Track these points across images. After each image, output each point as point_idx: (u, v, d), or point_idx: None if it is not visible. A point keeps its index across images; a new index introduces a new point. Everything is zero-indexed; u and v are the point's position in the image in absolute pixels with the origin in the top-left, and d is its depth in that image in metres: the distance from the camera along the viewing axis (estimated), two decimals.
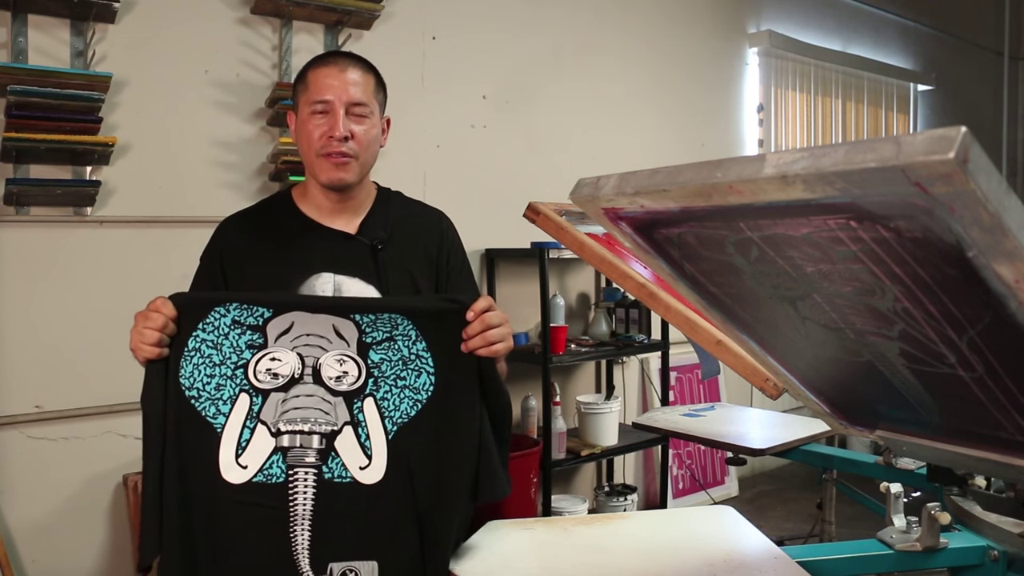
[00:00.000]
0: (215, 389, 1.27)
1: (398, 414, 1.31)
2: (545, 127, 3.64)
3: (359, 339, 1.31)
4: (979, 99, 6.68)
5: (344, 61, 1.47)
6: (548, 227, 1.89)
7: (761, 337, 1.02)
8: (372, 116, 1.47)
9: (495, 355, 1.33)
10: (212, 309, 1.29)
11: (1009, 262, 0.59)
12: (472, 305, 1.32)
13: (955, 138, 0.51)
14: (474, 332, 1.31)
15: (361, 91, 1.45)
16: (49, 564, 2.42)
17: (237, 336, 1.29)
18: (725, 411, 2.52)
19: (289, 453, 1.27)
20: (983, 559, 1.24)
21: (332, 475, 1.28)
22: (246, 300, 1.30)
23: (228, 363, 1.28)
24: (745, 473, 4.46)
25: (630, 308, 3.59)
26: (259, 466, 1.26)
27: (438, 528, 1.29)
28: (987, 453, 0.93)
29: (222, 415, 1.27)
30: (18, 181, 2.29)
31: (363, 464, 1.28)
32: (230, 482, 1.26)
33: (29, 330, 2.40)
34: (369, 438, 1.29)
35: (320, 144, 1.43)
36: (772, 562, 1.21)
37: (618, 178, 0.83)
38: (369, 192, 1.56)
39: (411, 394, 1.31)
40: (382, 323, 1.31)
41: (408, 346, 1.32)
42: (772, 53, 4.74)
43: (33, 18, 2.36)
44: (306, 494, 1.27)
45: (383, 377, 1.31)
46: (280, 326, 1.30)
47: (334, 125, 1.42)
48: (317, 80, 1.45)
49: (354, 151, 1.44)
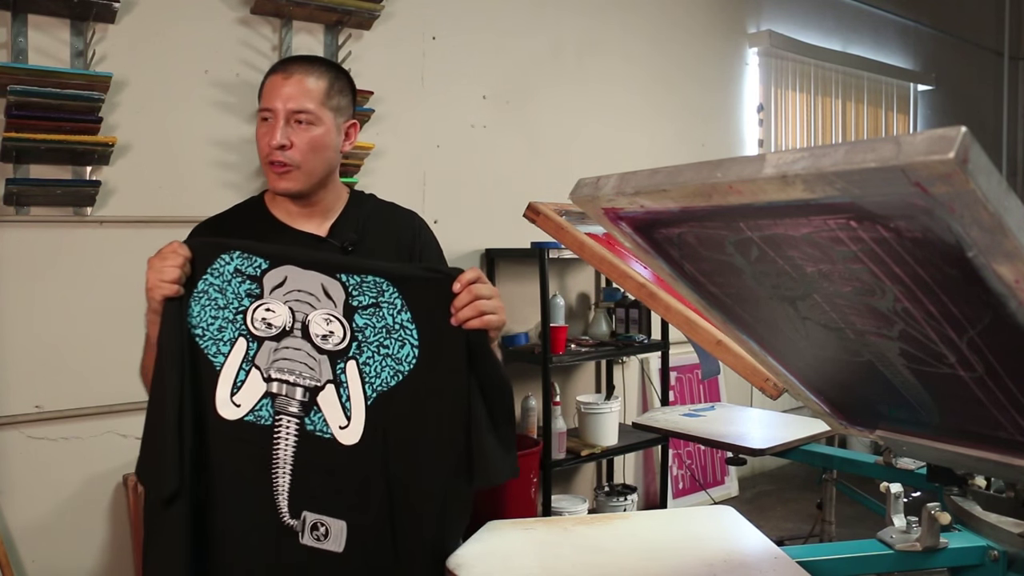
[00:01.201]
0: (218, 331, 1.33)
1: (378, 381, 1.32)
2: (545, 127, 3.64)
3: (346, 301, 1.33)
4: (979, 99, 6.68)
5: (295, 67, 1.47)
6: (548, 227, 1.89)
7: (761, 337, 1.02)
8: (319, 123, 1.45)
9: (486, 327, 1.30)
10: (219, 255, 1.34)
11: (1009, 262, 0.59)
12: (459, 276, 1.31)
13: (955, 138, 0.51)
14: (463, 303, 1.29)
15: (307, 98, 1.44)
16: (49, 564, 2.42)
17: (239, 284, 1.34)
18: (725, 411, 2.52)
19: (277, 400, 1.33)
20: (983, 559, 1.24)
21: (314, 428, 1.32)
22: (247, 249, 1.34)
23: (230, 308, 1.33)
24: (745, 473, 4.46)
25: (630, 308, 3.59)
26: (251, 407, 1.33)
27: (414, 500, 1.30)
28: (987, 453, 0.93)
29: (222, 355, 1.33)
30: (18, 181, 2.29)
31: (342, 424, 1.32)
32: (224, 417, 1.32)
33: (29, 330, 2.40)
34: (350, 400, 1.32)
35: (265, 152, 1.45)
36: (772, 562, 1.21)
37: (618, 178, 0.83)
38: (339, 195, 1.56)
39: (393, 364, 1.32)
40: (368, 287, 1.32)
41: (393, 315, 1.32)
42: (772, 53, 4.74)
43: (33, 18, 2.36)
44: (288, 440, 1.32)
45: (366, 342, 1.32)
46: (275, 279, 1.34)
47: (272, 134, 1.43)
48: (267, 88, 1.46)
49: (293, 160, 1.43)
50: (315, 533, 1.30)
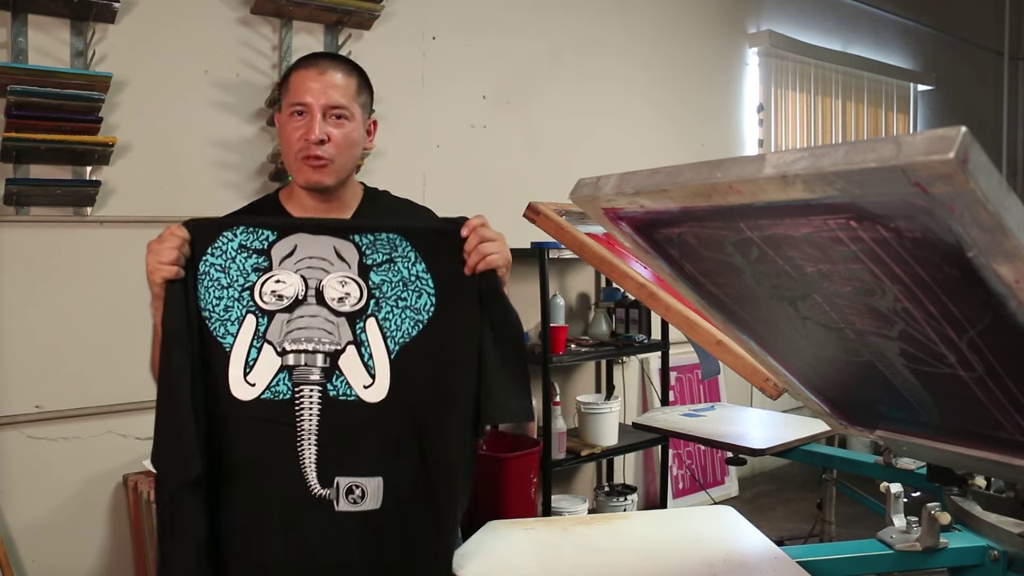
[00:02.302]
0: (224, 310, 1.32)
1: (400, 334, 1.34)
2: (545, 127, 3.64)
3: (360, 261, 1.34)
4: (979, 99, 6.68)
5: (325, 63, 1.49)
6: (548, 227, 1.89)
7: (761, 337, 1.02)
8: (352, 119, 1.48)
9: (492, 266, 1.35)
10: (220, 234, 1.33)
11: (1009, 262, 0.59)
12: (466, 222, 1.35)
13: (955, 138, 0.51)
14: (471, 246, 1.34)
15: (340, 94, 1.47)
16: (49, 564, 2.42)
17: (244, 260, 1.33)
18: (725, 411, 2.52)
19: (295, 371, 1.32)
20: (983, 559, 1.24)
21: (337, 393, 1.32)
22: (251, 223, 1.34)
23: (235, 285, 1.32)
24: (745, 473, 4.46)
25: (630, 308, 3.58)
26: (266, 383, 1.31)
27: (442, 445, 1.32)
28: (987, 453, 0.93)
29: (231, 335, 1.32)
30: (18, 181, 2.29)
31: (367, 383, 1.32)
32: (239, 399, 1.31)
33: (29, 330, 2.40)
34: (372, 357, 1.33)
35: (298, 147, 1.45)
36: (772, 562, 1.21)
37: (618, 178, 0.83)
38: (355, 192, 1.57)
39: (412, 314, 1.34)
40: (381, 244, 1.34)
41: (408, 267, 1.35)
42: (772, 53, 4.73)
43: (33, 18, 2.36)
44: (311, 410, 1.31)
45: (384, 298, 1.34)
46: (284, 249, 1.34)
47: (310, 128, 1.43)
48: (297, 82, 1.46)
49: (330, 154, 1.45)
50: (351, 496, 1.30)
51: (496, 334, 1.34)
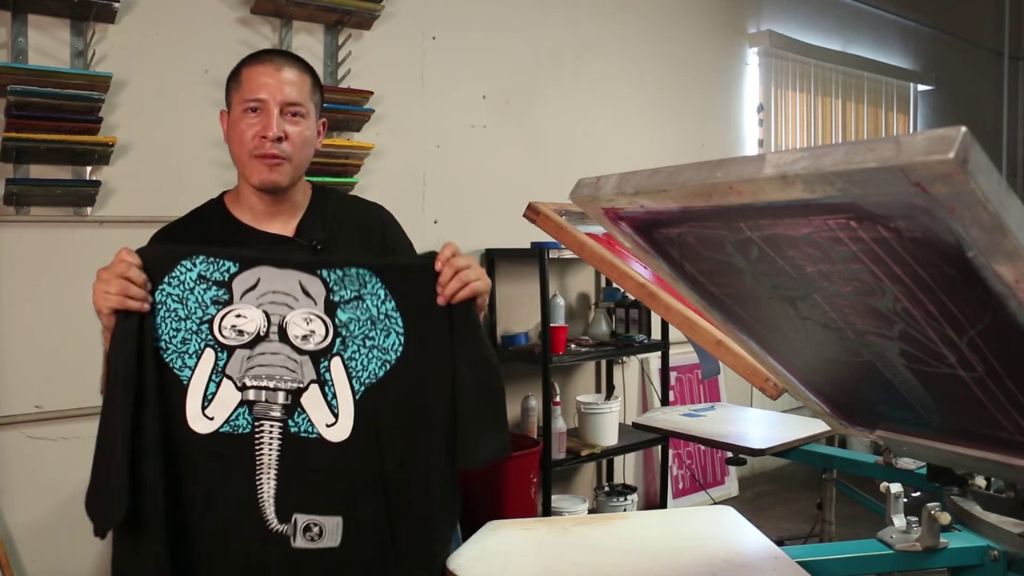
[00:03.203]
0: (181, 342, 1.26)
1: (366, 374, 1.30)
2: (545, 127, 3.64)
3: (327, 297, 1.29)
4: (979, 99, 6.68)
5: (280, 60, 1.44)
6: (548, 227, 1.89)
7: (761, 337, 1.02)
8: (307, 117, 1.43)
9: (475, 293, 1.29)
10: (179, 263, 1.27)
11: (1009, 262, 0.59)
12: (438, 255, 1.30)
13: (955, 138, 0.51)
14: (446, 278, 1.28)
15: (296, 91, 1.41)
16: (49, 564, 2.42)
17: (203, 291, 1.27)
18: (725, 411, 2.52)
19: (255, 406, 1.27)
20: (983, 559, 1.24)
21: (298, 429, 1.28)
22: (212, 254, 1.28)
23: (193, 318, 1.26)
24: (745, 473, 4.46)
25: (630, 308, 3.58)
26: (225, 417, 1.27)
27: (409, 488, 1.29)
28: (987, 453, 0.93)
29: (188, 368, 1.26)
30: (18, 181, 2.29)
31: (329, 422, 1.28)
32: (197, 431, 1.26)
33: (29, 330, 2.40)
34: (336, 397, 1.29)
35: (253, 144, 1.39)
36: (772, 562, 1.21)
37: (618, 178, 0.83)
38: (305, 192, 1.52)
39: (379, 354, 1.30)
40: (350, 280, 1.29)
41: (377, 305, 1.30)
42: (772, 53, 4.73)
43: (33, 18, 2.35)
44: (271, 445, 1.27)
45: (351, 336, 1.29)
46: (246, 282, 1.28)
47: (267, 125, 1.38)
48: (251, 78, 1.41)
49: (287, 153, 1.40)
50: (308, 534, 1.27)
51: (470, 372, 1.29)
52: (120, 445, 1.19)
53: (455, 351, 1.30)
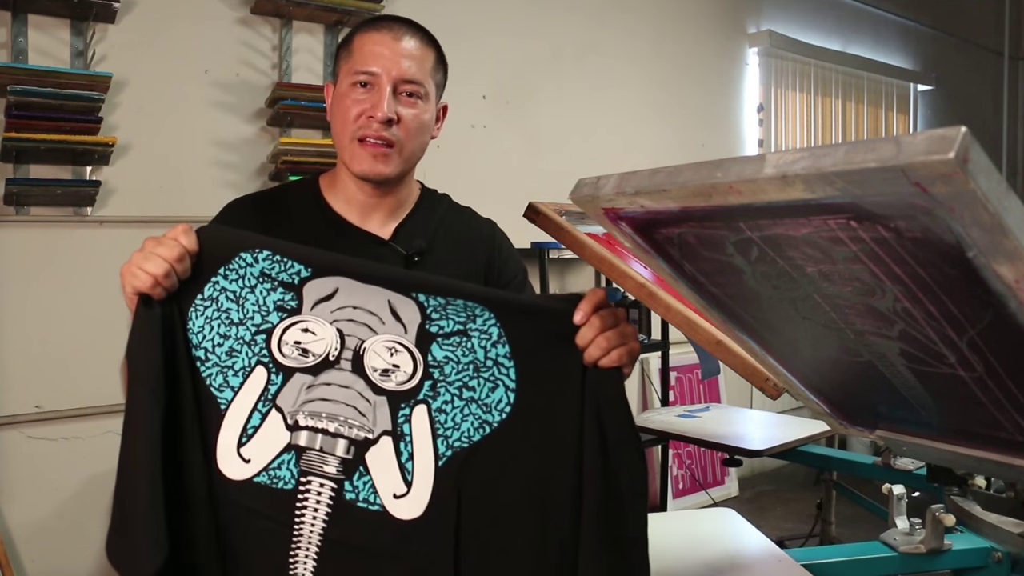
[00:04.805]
0: (227, 354, 0.99)
1: (457, 435, 0.99)
2: (545, 127, 3.64)
3: (421, 325, 0.98)
4: (979, 99, 6.68)
5: (400, 28, 1.21)
6: (548, 227, 1.89)
7: (761, 337, 1.02)
8: (426, 99, 1.22)
9: (618, 363, 0.96)
10: (238, 253, 0.98)
11: (1009, 262, 0.59)
12: (579, 304, 0.96)
13: (955, 138, 0.51)
14: (588, 338, 0.95)
15: (416, 66, 1.20)
16: (49, 564, 2.42)
17: (265, 292, 0.99)
18: (720, 412, 2.52)
19: (304, 455, 0.98)
20: (987, 561, 1.24)
21: (356, 496, 0.98)
22: (283, 251, 0.98)
23: (248, 324, 0.99)
24: (745, 473, 4.46)
25: (630, 308, 3.58)
26: (265, 463, 0.98)
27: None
28: (987, 453, 0.93)
29: (230, 388, 0.99)
30: (18, 181, 2.29)
31: (399, 491, 0.98)
32: (227, 475, 0.98)
33: (29, 330, 2.40)
34: (412, 459, 0.98)
35: (357, 125, 1.18)
36: (776, 565, 1.21)
37: (618, 178, 0.83)
38: (412, 191, 1.31)
39: (479, 411, 0.99)
40: (456, 309, 0.98)
41: (485, 347, 0.98)
42: (772, 53, 4.73)
43: (33, 18, 2.35)
44: (317, 512, 0.98)
45: (445, 381, 0.99)
46: (320, 290, 0.99)
47: (377, 103, 1.17)
48: (364, 47, 1.19)
49: (397, 138, 1.19)
50: None
51: (610, 472, 0.94)
52: (146, 478, 0.92)
53: (585, 433, 0.96)
